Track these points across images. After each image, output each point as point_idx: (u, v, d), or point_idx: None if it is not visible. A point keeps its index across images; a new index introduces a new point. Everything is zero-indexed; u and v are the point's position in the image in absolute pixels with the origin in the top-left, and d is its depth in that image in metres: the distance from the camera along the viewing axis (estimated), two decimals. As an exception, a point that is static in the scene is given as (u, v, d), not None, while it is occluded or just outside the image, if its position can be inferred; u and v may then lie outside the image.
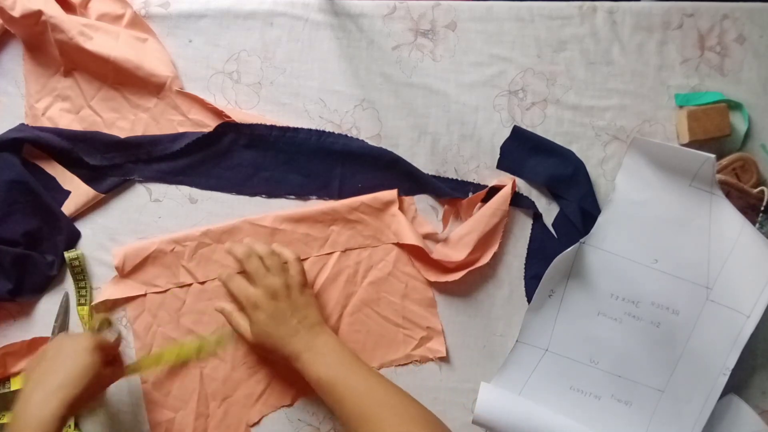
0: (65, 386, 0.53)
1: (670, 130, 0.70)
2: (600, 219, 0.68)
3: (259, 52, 0.71)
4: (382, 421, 0.55)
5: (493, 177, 0.70)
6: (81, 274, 0.68)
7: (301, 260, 0.65)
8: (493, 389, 0.67)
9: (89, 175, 0.69)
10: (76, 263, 0.67)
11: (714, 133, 0.67)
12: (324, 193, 0.70)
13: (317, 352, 0.61)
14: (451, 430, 0.57)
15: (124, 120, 0.69)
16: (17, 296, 0.66)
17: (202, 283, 0.68)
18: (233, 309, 0.66)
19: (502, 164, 0.70)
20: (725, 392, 0.65)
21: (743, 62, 0.70)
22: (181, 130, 0.69)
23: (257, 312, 0.63)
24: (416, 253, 0.69)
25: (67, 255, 0.67)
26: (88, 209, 0.69)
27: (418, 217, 0.70)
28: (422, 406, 0.58)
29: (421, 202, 0.70)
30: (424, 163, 0.70)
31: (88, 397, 0.56)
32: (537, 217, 0.70)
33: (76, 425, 0.67)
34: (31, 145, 0.68)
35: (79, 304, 0.68)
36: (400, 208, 0.69)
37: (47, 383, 0.54)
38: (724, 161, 0.67)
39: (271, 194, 0.70)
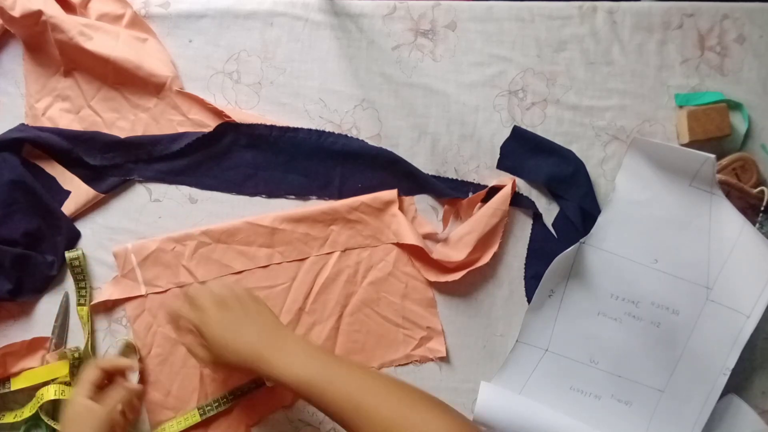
0: None
1: (670, 130, 0.70)
2: (600, 219, 0.68)
3: (259, 52, 0.71)
4: (377, 406, 0.51)
5: (493, 177, 0.70)
6: (81, 274, 0.68)
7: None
8: (493, 388, 0.67)
9: (89, 175, 0.69)
10: (77, 263, 0.67)
11: (714, 133, 0.67)
12: (324, 193, 0.70)
13: (288, 353, 0.55)
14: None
15: (124, 120, 0.69)
16: (17, 296, 0.66)
17: (203, 283, 0.68)
18: (190, 340, 0.59)
19: (502, 164, 0.70)
20: (725, 392, 0.65)
21: (743, 62, 0.70)
22: (181, 130, 0.69)
23: (209, 327, 0.57)
24: (416, 253, 0.69)
25: (67, 255, 0.67)
26: (88, 209, 0.69)
27: (418, 217, 0.70)
28: (404, 383, 0.55)
29: (421, 202, 0.70)
30: (424, 163, 0.70)
31: None
32: (537, 217, 0.70)
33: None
34: (31, 145, 0.68)
35: (79, 304, 0.68)
36: (400, 208, 0.69)
37: None
38: (724, 161, 0.67)
39: (271, 194, 0.70)
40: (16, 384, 0.66)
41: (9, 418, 0.66)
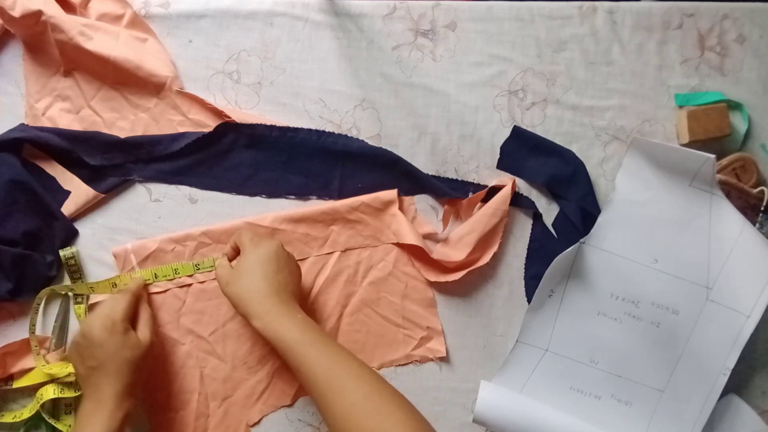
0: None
1: (670, 130, 0.70)
2: (600, 219, 0.68)
3: (259, 52, 0.71)
4: (348, 384, 0.54)
5: (493, 177, 0.70)
6: (77, 273, 0.68)
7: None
8: (493, 388, 0.67)
9: (89, 175, 0.69)
10: (72, 261, 0.67)
11: (714, 133, 0.67)
12: (324, 193, 0.70)
13: (279, 314, 0.58)
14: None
15: (124, 120, 0.69)
16: (17, 296, 0.66)
17: (202, 282, 0.68)
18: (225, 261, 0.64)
19: (502, 164, 0.70)
20: (725, 392, 0.65)
21: (743, 62, 0.70)
22: (181, 130, 0.69)
23: (242, 261, 0.61)
24: (416, 253, 0.69)
25: (62, 253, 0.67)
26: (88, 209, 0.69)
27: (418, 217, 0.70)
28: (376, 372, 0.57)
29: (421, 202, 0.70)
30: (424, 163, 0.70)
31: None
32: (537, 217, 0.70)
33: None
34: (31, 145, 0.68)
35: (76, 303, 0.68)
36: (400, 208, 0.69)
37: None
38: (724, 161, 0.67)
39: (271, 194, 0.70)
40: (17, 384, 0.66)
41: (8, 418, 0.66)
